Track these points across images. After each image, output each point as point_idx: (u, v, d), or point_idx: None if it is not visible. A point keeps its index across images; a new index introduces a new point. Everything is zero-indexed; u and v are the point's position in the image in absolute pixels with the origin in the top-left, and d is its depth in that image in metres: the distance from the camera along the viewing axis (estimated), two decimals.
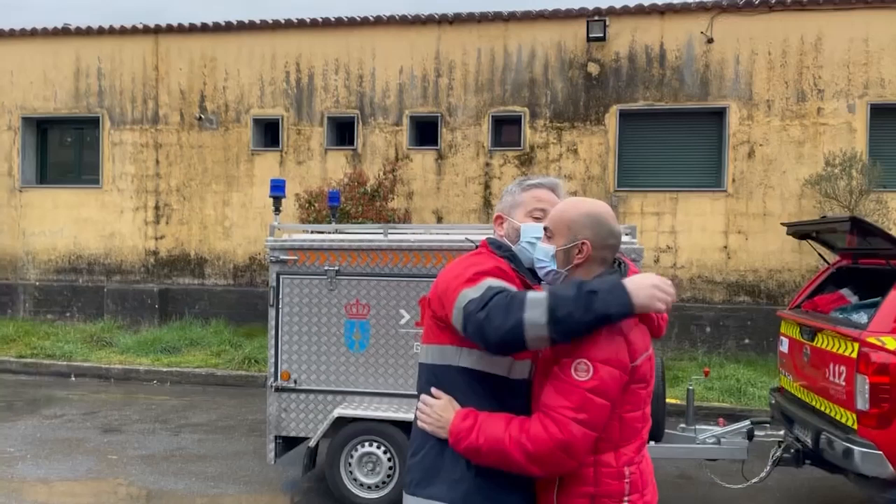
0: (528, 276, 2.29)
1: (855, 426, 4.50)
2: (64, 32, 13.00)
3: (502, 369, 2.19)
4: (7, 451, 6.49)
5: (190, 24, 12.55)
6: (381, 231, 5.45)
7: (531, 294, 2.02)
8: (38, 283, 13.07)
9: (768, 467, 5.24)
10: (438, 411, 2.18)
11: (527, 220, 2.34)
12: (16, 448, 6.60)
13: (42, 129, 13.54)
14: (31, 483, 5.73)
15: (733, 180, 10.98)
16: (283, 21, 12.27)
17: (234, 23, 12.41)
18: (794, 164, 10.77)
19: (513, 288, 2.11)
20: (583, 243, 2.13)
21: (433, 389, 2.23)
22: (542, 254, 2.20)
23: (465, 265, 2.22)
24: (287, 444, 5.52)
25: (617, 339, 2.01)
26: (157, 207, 12.75)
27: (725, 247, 10.98)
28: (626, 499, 2.07)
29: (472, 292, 2.07)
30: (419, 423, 2.26)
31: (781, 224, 7.08)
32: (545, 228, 2.22)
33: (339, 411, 5.13)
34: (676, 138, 11.38)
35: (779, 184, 10.83)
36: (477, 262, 2.22)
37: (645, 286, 1.99)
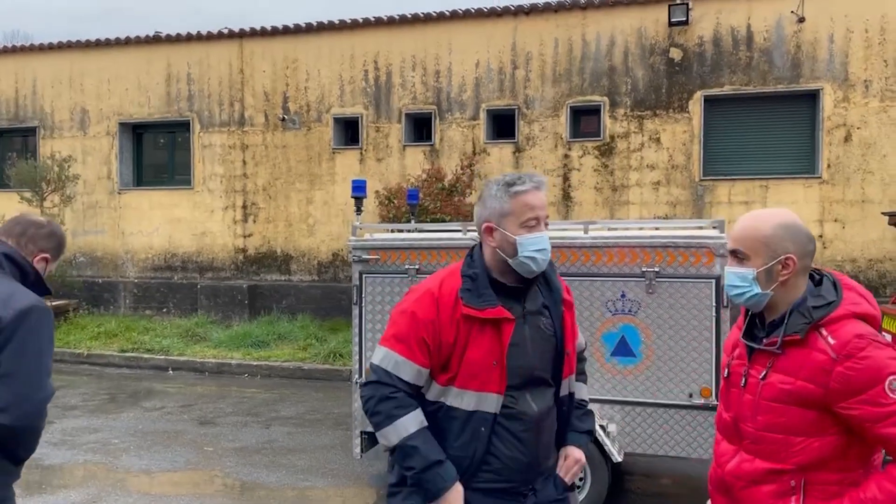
0: (489, 295, 2.25)
1: None
2: (155, 40, 13.60)
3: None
4: (112, 443, 6.89)
5: (272, 27, 12.91)
6: (461, 229, 5.47)
7: (405, 427, 2.22)
8: (136, 281, 13.78)
9: None
10: None
11: (521, 232, 2.24)
12: (120, 440, 7.00)
13: (137, 134, 14.24)
14: (135, 474, 6.07)
15: (828, 166, 10.44)
16: (360, 20, 12.45)
17: (314, 24, 12.68)
18: (895, 147, 10.15)
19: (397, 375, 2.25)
20: (788, 258, 2.03)
21: None
22: (738, 279, 2.08)
23: (399, 309, 2.34)
24: (372, 439, 5.61)
25: None
26: (244, 206, 13.21)
27: (821, 236, 10.47)
28: None
29: (375, 354, 2.33)
30: None
31: (883, 213, 6.68)
32: (734, 252, 2.10)
33: None
34: (766, 123, 10.91)
35: (879, 168, 10.24)
36: (406, 309, 2.30)
37: None
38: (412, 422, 2.21)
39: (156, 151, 14.55)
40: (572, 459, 2.42)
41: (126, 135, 14.02)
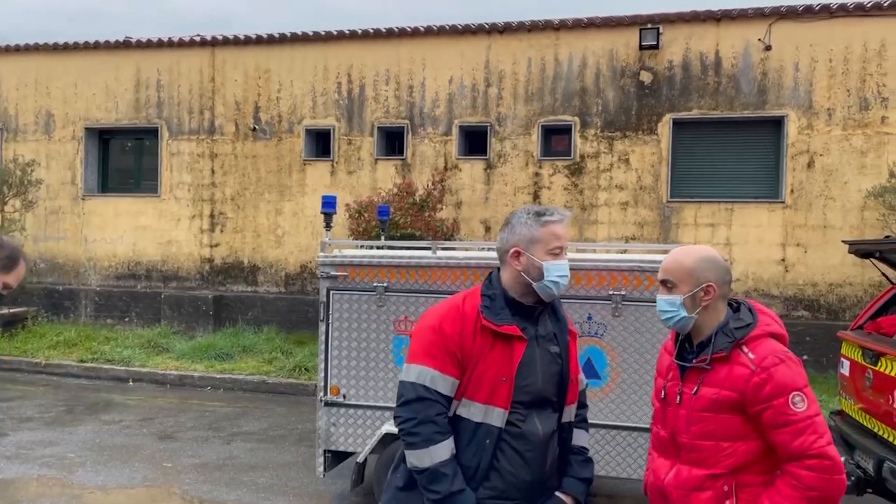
0: (505, 314, 2.40)
1: None
2: (125, 45, 13.43)
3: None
4: (68, 457, 6.72)
5: (245, 36, 12.82)
6: (430, 247, 5.46)
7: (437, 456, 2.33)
8: (98, 289, 13.51)
9: None
10: None
11: (547, 258, 2.42)
12: (76, 454, 6.83)
13: (104, 140, 14.00)
14: (91, 490, 5.92)
15: (792, 191, 10.67)
16: (335, 32, 12.43)
17: (288, 35, 12.63)
18: (856, 174, 10.41)
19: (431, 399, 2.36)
20: (709, 286, 2.35)
21: None
22: (667, 305, 2.39)
23: (425, 326, 2.46)
24: (336, 457, 5.57)
25: None
26: (212, 216, 13.05)
27: (783, 259, 10.68)
28: None
29: (406, 373, 2.42)
30: None
31: (843, 241, 6.84)
32: (664, 281, 2.41)
33: (388, 427, 5.15)
34: (732, 148, 11.11)
35: (840, 195, 10.48)
36: (433, 326, 2.42)
37: None
38: (446, 449, 2.34)
39: (122, 158, 14.32)
40: None
41: (92, 140, 13.78)
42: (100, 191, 13.88)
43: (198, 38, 13.06)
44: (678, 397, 2.41)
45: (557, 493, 2.52)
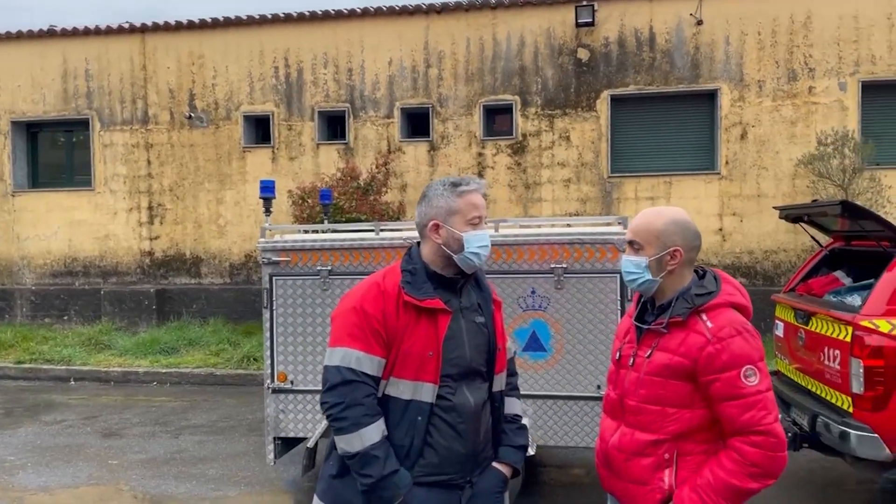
0: (427, 288, 2.36)
1: (850, 409, 4.51)
2: (50, 34, 12.91)
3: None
4: (7, 460, 6.50)
5: (176, 21, 12.46)
6: (373, 228, 5.43)
7: (367, 438, 2.27)
8: (34, 288, 13.05)
9: None
10: None
11: (467, 229, 2.40)
12: (16, 456, 6.61)
13: (32, 133, 13.47)
14: (33, 492, 5.74)
15: (726, 162, 10.96)
16: (269, 16, 12.19)
17: (221, 19, 12.33)
18: (786, 144, 10.76)
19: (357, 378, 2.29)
20: (675, 250, 2.31)
21: None
22: (633, 266, 2.36)
23: (347, 308, 2.37)
24: (286, 444, 5.52)
25: None
26: (150, 208, 12.72)
27: (720, 229, 10.98)
28: None
29: (330, 357, 2.34)
30: None
31: (774, 207, 7.06)
32: (631, 242, 2.38)
33: None
34: (669, 122, 11.35)
35: (772, 164, 10.82)
36: (355, 306, 2.34)
37: None
38: (376, 431, 2.28)
39: (53, 151, 13.81)
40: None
41: (19, 134, 13.25)
42: (30, 186, 13.38)
43: (126, 25, 12.64)
44: (632, 359, 2.40)
45: (494, 464, 2.50)
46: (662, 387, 2.28)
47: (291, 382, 5.34)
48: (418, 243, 2.52)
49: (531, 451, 4.80)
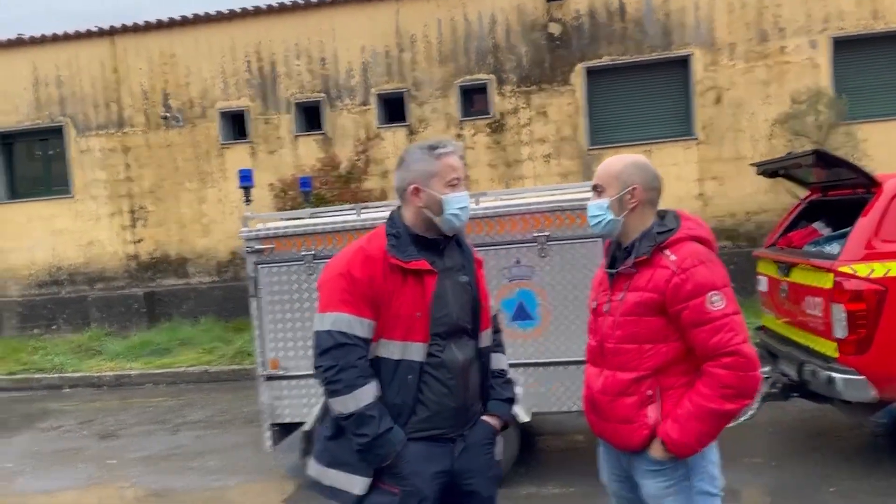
0: (412, 250, 2.41)
1: (836, 354, 4.59)
2: (18, 43, 12.76)
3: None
4: (5, 467, 6.49)
5: (145, 22, 12.35)
6: (354, 211, 5.44)
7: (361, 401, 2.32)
8: (20, 299, 12.97)
9: (757, 404, 5.33)
10: None
11: (446, 191, 2.44)
12: (14, 463, 6.60)
13: (7, 144, 13.33)
14: (34, 495, 5.75)
15: (703, 127, 11.02)
16: (239, 10, 12.10)
17: (190, 16, 12.23)
18: (761, 105, 10.82)
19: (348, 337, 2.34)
20: (634, 188, 2.42)
21: None
22: (596, 209, 2.47)
23: (334, 274, 2.41)
24: (283, 430, 5.54)
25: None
26: (132, 211, 12.65)
27: (702, 194, 11.06)
28: None
29: (320, 323, 2.37)
30: None
31: (751, 164, 7.13)
32: (595, 186, 2.49)
33: None
34: (644, 90, 11.38)
35: (748, 126, 10.89)
36: (342, 272, 2.38)
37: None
38: (370, 392, 2.34)
39: (29, 161, 13.67)
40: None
41: None
42: (8, 198, 13.26)
43: (95, 29, 12.52)
44: (607, 305, 2.49)
45: (483, 417, 2.57)
46: (636, 324, 2.37)
47: (284, 369, 5.36)
48: (399, 208, 2.56)
49: (526, 419, 4.86)
